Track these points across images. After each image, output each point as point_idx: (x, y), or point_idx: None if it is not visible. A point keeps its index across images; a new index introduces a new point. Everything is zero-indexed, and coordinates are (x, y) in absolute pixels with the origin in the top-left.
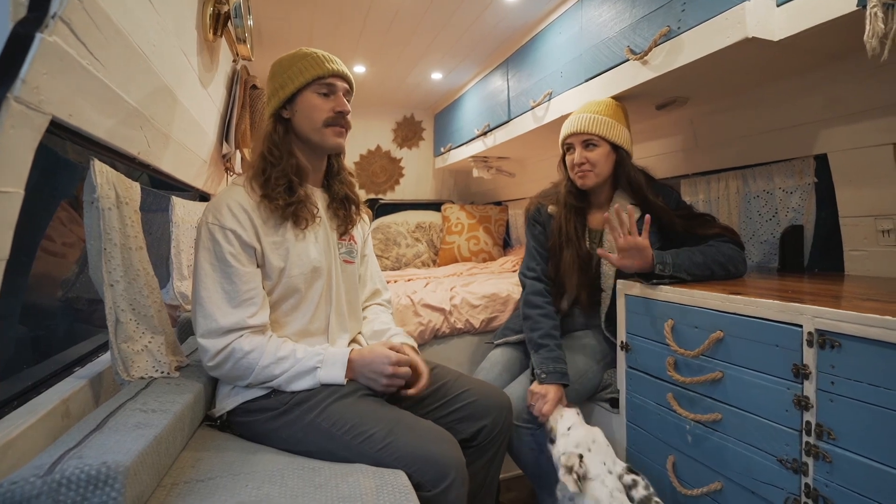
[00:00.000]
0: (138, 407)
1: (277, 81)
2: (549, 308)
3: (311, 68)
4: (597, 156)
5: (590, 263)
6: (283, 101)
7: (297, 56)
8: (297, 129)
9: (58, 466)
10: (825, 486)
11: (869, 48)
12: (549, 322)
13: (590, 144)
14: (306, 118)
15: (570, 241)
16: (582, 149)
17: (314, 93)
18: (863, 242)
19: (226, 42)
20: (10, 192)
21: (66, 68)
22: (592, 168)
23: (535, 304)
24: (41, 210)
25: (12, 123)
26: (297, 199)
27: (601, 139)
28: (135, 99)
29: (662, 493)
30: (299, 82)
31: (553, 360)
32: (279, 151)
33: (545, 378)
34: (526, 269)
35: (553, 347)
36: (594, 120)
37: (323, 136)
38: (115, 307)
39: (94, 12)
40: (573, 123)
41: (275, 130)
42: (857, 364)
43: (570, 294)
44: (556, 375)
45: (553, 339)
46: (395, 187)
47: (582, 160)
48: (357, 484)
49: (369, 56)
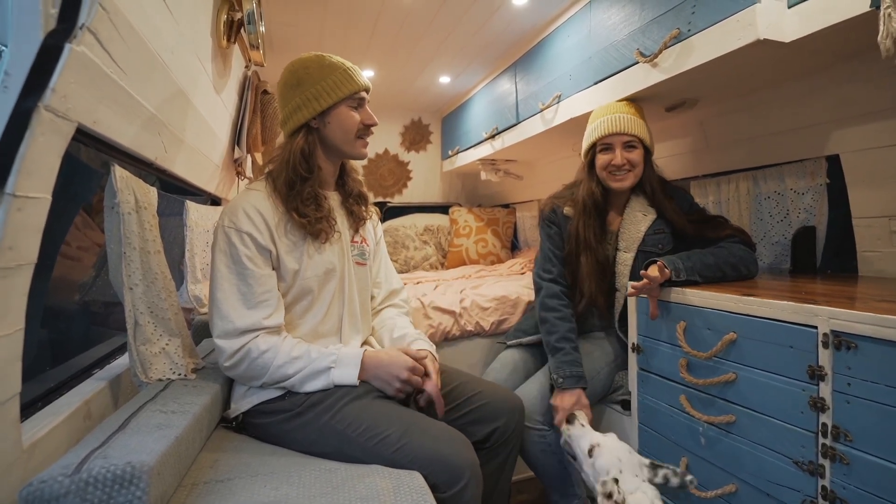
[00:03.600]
0: (158, 408)
1: (309, 92)
2: (566, 311)
3: (346, 83)
4: (637, 157)
5: (607, 268)
6: (317, 112)
7: (325, 66)
8: (327, 140)
9: (84, 466)
10: (842, 488)
11: (883, 49)
12: (566, 325)
13: (630, 146)
14: (340, 130)
15: (588, 246)
16: (622, 150)
17: (348, 106)
18: (876, 243)
19: (238, 48)
20: (39, 197)
21: (91, 77)
22: (632, 169)
23: (552, 307)
24: (62, 215)
25: (42, 131)
26: (324, 213)
27: (639, 141)
28: (153, 105)
29: (676, 495)
30: (336, 96)
31: (569, 364)
32: (308, 165)
33: (562, 383)
34: (542, 270)
35: (569, 350)
36: (634, 121)
37: (354, 147)
38: (134, 310)
39: (119, 22)
40: (614, 123)
41: (306, 142)
42: (874, 365)
43: (587, 298)
44: (573, 380)
45: (569, 343)
46: (402, 190)
47: (623, 161)
48: (374, 485)
49: (378, 60)
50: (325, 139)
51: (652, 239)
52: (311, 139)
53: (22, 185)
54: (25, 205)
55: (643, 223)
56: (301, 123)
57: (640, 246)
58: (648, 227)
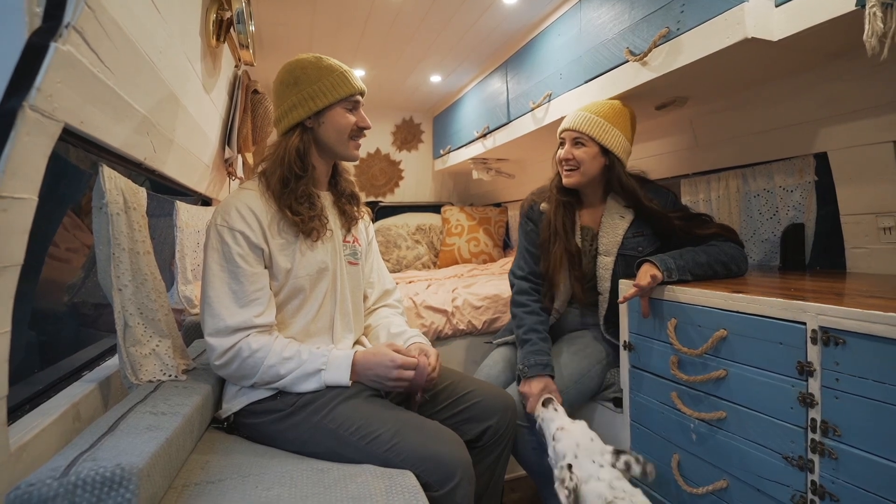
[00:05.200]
0: (148, 410)
1: (306, 91)
2: (534, 305)
3: (343, 85)
4: (583, 154)
5: (579, 258)
6: (312, 112)
7: (323, 67)
8: (321, 140)
9: (73, 468)
10: (832, 482)
11: (868, 47)
12: (534, 318)
13: (578, 143)
14: (334, 131)
15: (558, 235)
16: (570, 145)
17: (343, 108)
18: (864, 240)
19: (228, 48)
20: (25, 198)
21: (78, 76)
22: (577, 166)
23: (521, 302)
24: (50, 216)
25: (27, 131)
26: (317, 212)
27: (591, 140)
28: (142, 105)
29: (668, 491)
30: (332, 98)
31: (535, 354)
32: (303, 163)
33: (526, 371)
34: (516, 268)
35: (536, 341)
36: (588, 119)
37: (347, 148)
38: (123, 311)
39: (105, 21)
40: (567, 120)
41: (301, 141)
42: (862, 360)
43: (565, 291)
44: (538, 368)
45: (536, 334)
46: (394, 190)
47: (568, 156)
48: (366, 484)
49: (369, 59)
50: (319, 139)
51: (631, 242)
52: (305, 138)
53: (7, 185)
54: (11, 206)
55: (621, 226)
56: (296, 122)
57: (620, 249)
58: (626, 229)
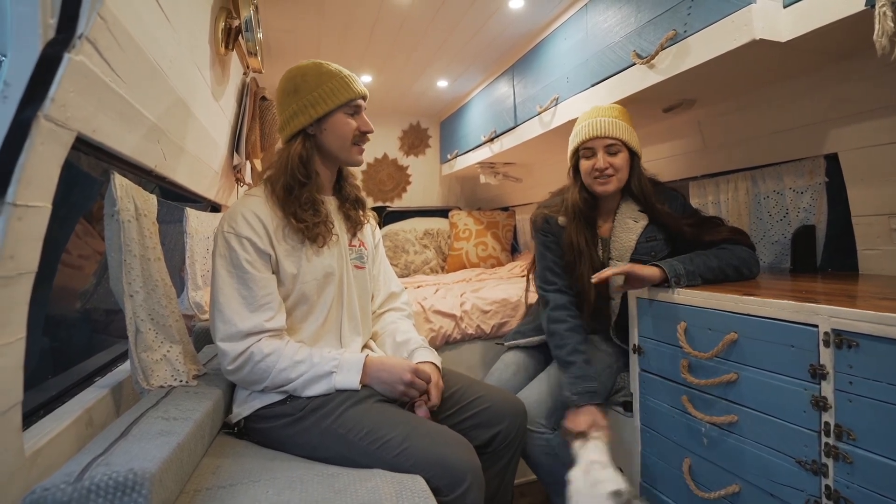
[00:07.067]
0: (160, 415)
1: (306, 99)
2: (574, 321)
3: (343, 90)
4: (620, 161)
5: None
6: (313, 119)
7: (323, 73)
8: (324, 146)
9: (86, 473)
10: (846, 487)
11: (879, 47)
12: (576, 337)
13: (612, 149)
14: (336, 137)
15: (582, 253)
16: (605, 153)
17: (344, 113)
18: (876, 241)
19: (236, 55)
20: (39, 206)
21: (90, 86)
22: (615, 173)
23: (559, 318)
24: (63, 224)
25: (41, 140)
26: (322, 217)
27: (623, 144)
28: (152, 113)
29: (679, 496)
30: (333, 104)
31: (582, 380)
32: (306, 170)
33: (575, 400)
34: (544, 283)
35: (581, 364)
36: (616, 124)
37: (350, 154)
38: (134, 317)
39: (117, 31)
40: (595, 127)
41: (304, 148)
42: (876, 363)
43: (589, 305)
44: (587, 396)
45: (581, 355)
46: (402, 195)
47: (606, 165)
48: (376, 489)
49: (376, 65)
50: (322, 145)
51: (644, 247)
52: (308, 145)
53: (22, 194)
54: (26, 214)
55: (634, 231)
56: (298, 130)
57: (633, 255)
58: (640, 234)
